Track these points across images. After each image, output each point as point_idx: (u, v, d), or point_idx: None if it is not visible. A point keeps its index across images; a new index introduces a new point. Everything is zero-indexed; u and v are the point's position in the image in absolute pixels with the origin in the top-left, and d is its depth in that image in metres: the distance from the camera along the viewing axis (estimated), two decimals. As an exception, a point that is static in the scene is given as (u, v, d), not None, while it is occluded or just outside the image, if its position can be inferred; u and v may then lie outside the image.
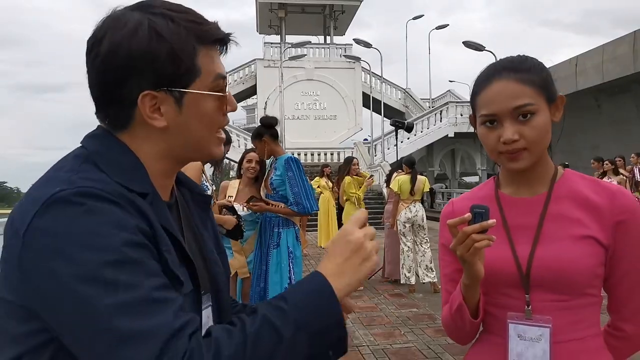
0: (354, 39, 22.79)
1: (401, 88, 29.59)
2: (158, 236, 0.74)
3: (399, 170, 7.32)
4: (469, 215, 1.01)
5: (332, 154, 23.85)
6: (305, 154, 23.15)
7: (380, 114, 22.64)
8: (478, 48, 18.56)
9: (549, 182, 1.14)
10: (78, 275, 0.65)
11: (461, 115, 22.84)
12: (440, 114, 23.66)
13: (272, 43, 28.56)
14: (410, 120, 19.84)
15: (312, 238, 12.09)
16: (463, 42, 18.78)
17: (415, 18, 29.84)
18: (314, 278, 0.77)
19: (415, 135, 22.40)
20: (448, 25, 28.52)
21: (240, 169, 4.27)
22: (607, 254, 1.08)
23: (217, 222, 3.83)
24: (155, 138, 0.81)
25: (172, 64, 0.77)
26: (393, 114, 23.70)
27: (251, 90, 28.47)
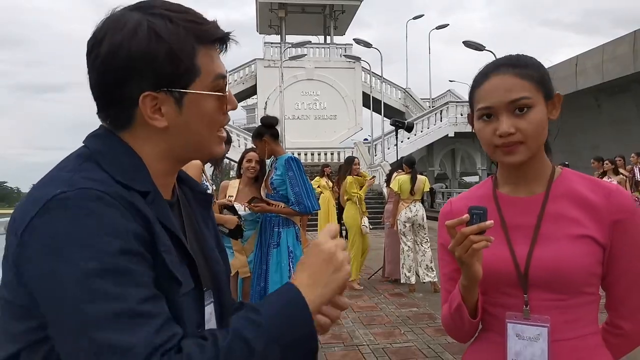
0: (354, 39, 22.80)
1: (401, 88, 29.59)
2: (156, 237, 0.74)
3: (399, 170, 7.33)
4: (466, 216, 1.01)
5: (332, 154, 23.86)
6: (306, 154, 23.15)
7: (381, 114, 22.65)
8: (478, 48, 18.55)
9: (547, 181, 1.14)
10: (69, 280, 0.65)
11: (461, 115, 22.85)
12: (441, 114, 23.67)
13: (272, 43, 28.55)
14: (410, 120, 19.85)
15: (312, 238, 12.11)
16: (463, 42, 18.78)
17: (415, 18, 29.87)
18: (286, 289, 0.77)
19: (415, 135, 22.41)
20: (448, 25, 28.55)
21: (240, 168, 4.26)
22: (605, 252, 1.09)
23: (219, 222, 3.83)
24: (156, 138, 0.81)
25: (172, 65, 0.77)
26: (393, 114, 23.70)
27: (251, 90, 28.48)
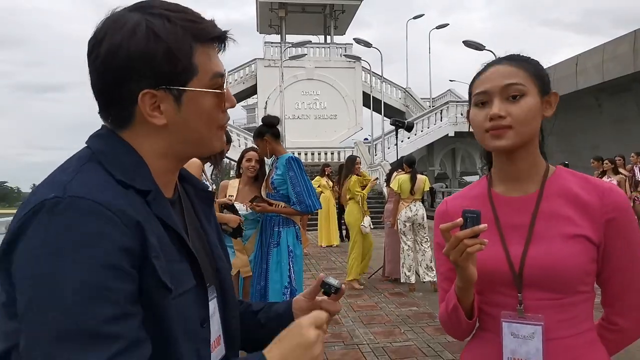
0: (354, 39, 22.76)
1: (401, 87, 29.57)
2: (148, 244, 0.73)
3: (399, 170, 7.34)
4: (460, 220, 1.02)
5: (333, 154, 23.86)
6: (306, 154, 23.14)
7: (381, 114, 22.64)
8: (478, 47, 18.55)
9: (541, 180, 1.15)
10: (40, 287, 0.66)
11: (461, 114, 22.82)
12: (441, 114, 23.65)
13: (273, 43, 28.52)
14: (410, 119, 19.86)
15: (312, 237, 12.12)
16: (463, 42, 18.77)
17: (415, 17, 29.80)
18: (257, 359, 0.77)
19: (415, 134, 22.39)
20: (448, 24, 28.47)
21: (240, 168, 4.27)
22: (599, 250, 1.09)
23: (221, 221, 3.83)
24: (156, 136, 0.82)
25: (170, 63, 0.78)
26: (393, 114, 23.70)
27: (251, 90, 28.46)
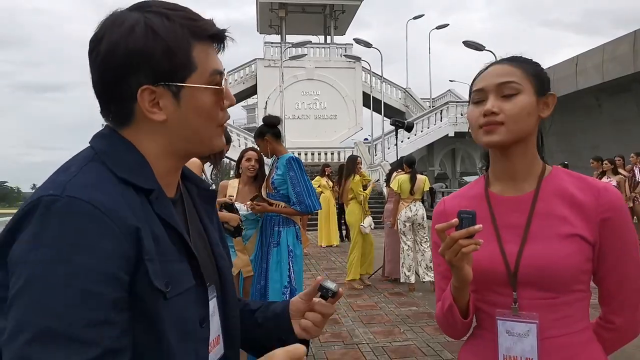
0: (354, 39, 22.77)
1: (401, 88, 29.58)
2: (142, 247, 0.73)
3: (398, 170, 7.35)
4: (456, 220, 1.03)
5: (333, 154, 23.87)
6: (306, 154, 23.15)
7: (381, 114, 22.65)
8: (478, 48, 18.57)
9: (537, 180, 1.16)
10: (26, 282, 0.66)
11: (461, 114, 22.83)
12: (441, 114, 23.66)
13: (273, 43, 28.52)
14: (410, 119, 19.86)
15: (312, 238, 12.12)
16: (463, 42, 18.80)
17: (415, 18, 29.79)
18: None
19: (415, 134, 22.40)
20: (448, 25, 28.46)
21: (239, 168, 4.27)
22: (594, 250, 1.10)
23: (222, 220, 3.82)
24: (156, 133, 0.83)
25: (168, 59, 0.79)
26: (393, 114, 23.72)
27: (251, 90, 28.46)
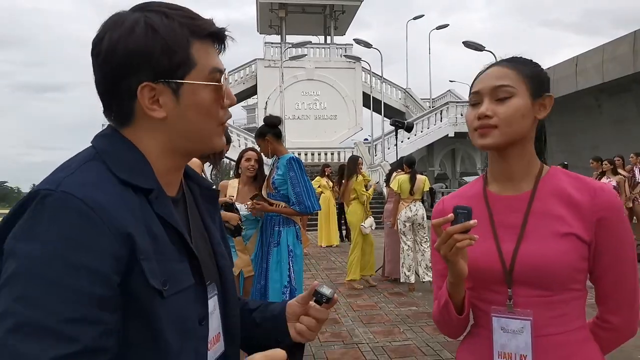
0: (354, 39, 22.78)
1: (401, 88, 29.59)
2: (136, 246, 0.73)
3: (398, 170, 7.36)
4: (451, 215, 1.05)
5: (333, 154, 23.88)
6: (306, 154, 23.15)
7: (381, 114, 22.66)
8: (478, 48, 18.58)
9: (534, 180, 1.18)
10: (14, 272, 0.67)
11: (461, 115, 22.83)
12: (441, 114, 23.66)
13: (273, 43, 28.53)
14: (410, 120, 19.86)
15: (312, 238, 12.14)
16: (463, 42, 18.80)
17: (415, 18, 29.80)
18: None
19: (415, 135, 22.41)
20: (448, 25, 28.46)
21: (238, 168, 4.27)
22: (590, 249, 1.12)
23: (222, 219, 3.82)
24: (156, 130, 0.84)
25: (167, 56, 0.80)
26: (393, 114, 23.71)
27: (252, 90, 28.47)
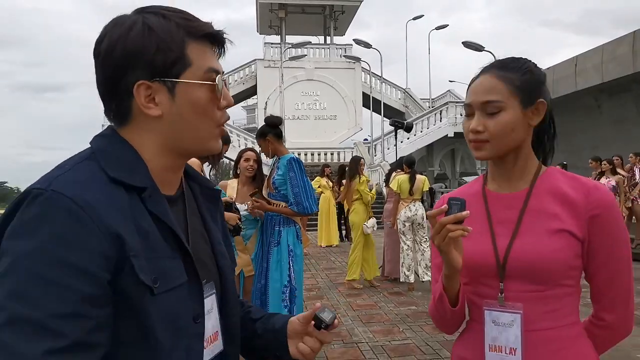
0: (354, 39, 22.77)
1: (401, 88, 29.58)
2: (125, 244, 0.74)
3: (398, 170, 7.37)
4: (445, 206, 1.08)
5: (333, 154, 23.89)
6: (306, 154, 23.15)
7: (380, 114, 22.66)
8: (477, 48, 18.58)
9: (531, 179, 1.20)
10: (6, 273, 0.69)
11: (461, 115, 22.81)
12: (440, 114, 23.65)
13: (273, 43, 28.53)
14: (409, 120, 19.86)
15: (312, 237, 12.15)
16: (462, 43, 18.80)
17: (415, 18, 29.75)
18: None
19: (415, 135, 22.41)
20: (448, 25, 28.41)
21: (237, 168, 4.27)
22: (584, 246, 1.13)
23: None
24: (152, 129, 0.85)
25: (162, 55, 0.82)
26: (393, 114, 23.73)
27: (251, 91, 28.47)
